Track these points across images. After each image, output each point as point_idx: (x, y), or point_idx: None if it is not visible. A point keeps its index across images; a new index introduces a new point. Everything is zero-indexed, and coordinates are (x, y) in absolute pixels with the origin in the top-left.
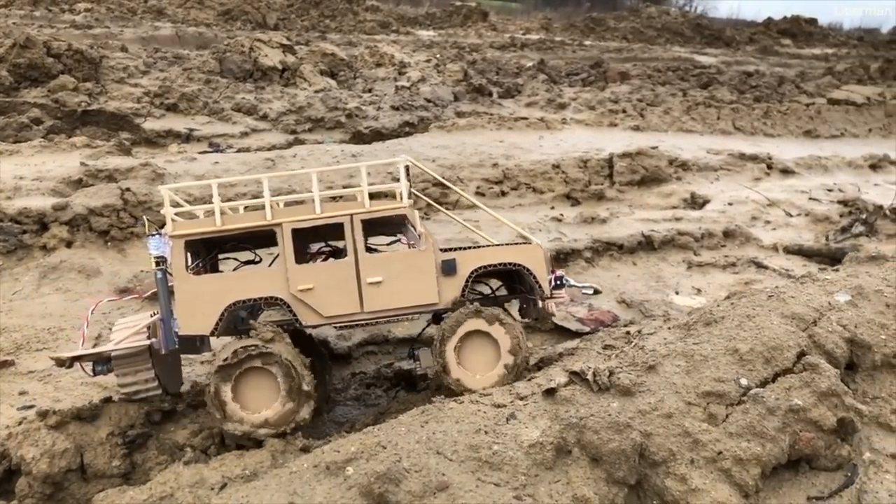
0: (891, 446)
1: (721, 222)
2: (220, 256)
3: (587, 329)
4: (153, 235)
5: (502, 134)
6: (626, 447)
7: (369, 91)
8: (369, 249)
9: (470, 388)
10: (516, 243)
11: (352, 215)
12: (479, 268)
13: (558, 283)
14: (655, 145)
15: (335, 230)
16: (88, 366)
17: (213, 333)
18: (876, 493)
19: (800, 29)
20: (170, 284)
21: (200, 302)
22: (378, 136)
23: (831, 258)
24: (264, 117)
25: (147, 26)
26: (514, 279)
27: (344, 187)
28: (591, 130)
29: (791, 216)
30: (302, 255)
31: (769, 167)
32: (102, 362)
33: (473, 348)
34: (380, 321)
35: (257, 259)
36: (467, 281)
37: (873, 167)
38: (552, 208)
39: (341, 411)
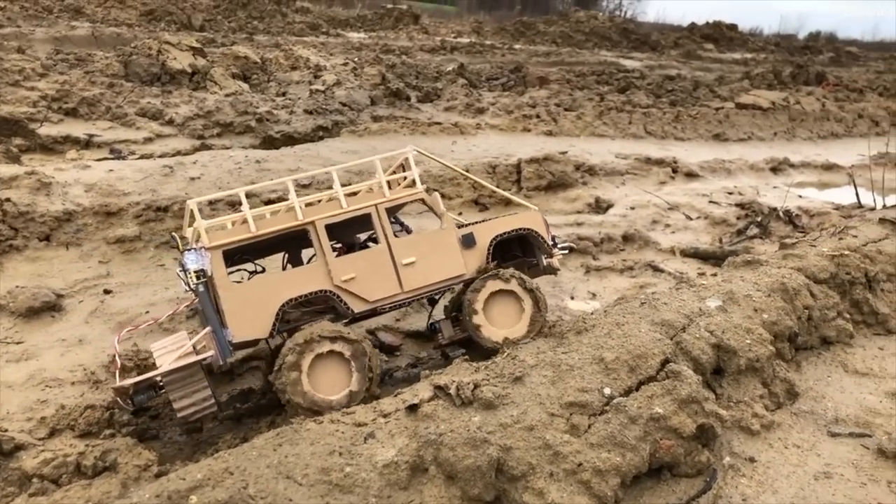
0: (750, 450)
1: (621, 226)
2: (228, 270)
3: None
4: (189, 250)
5: (415, 139)
6: (482, 463)
7: (283, 95)
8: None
9: (490, 339)
10: (514, 213)
11: (376, 205)
12: (497, 236)
13: (555, 242)
14: (565, 150)
15: (354, 224)
16: (125, 401)
17: (271, 335)
18: (730, 498)
19: (721, 34)
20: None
21: (251, 306)
22: (290, 140)
23: (724, 260)
24: (170, 122)
25: (63, 26)
26: (515, 247)
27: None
28: (505, 136)
29: (691, 219)
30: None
31: (674, 171)
32: (143, 390)
33: (499, 308)
34: (419, 298)
35: (259, 269)
36: (489, 250)
37: (774, 170)
38: (459, 214)
39: (217, 430)
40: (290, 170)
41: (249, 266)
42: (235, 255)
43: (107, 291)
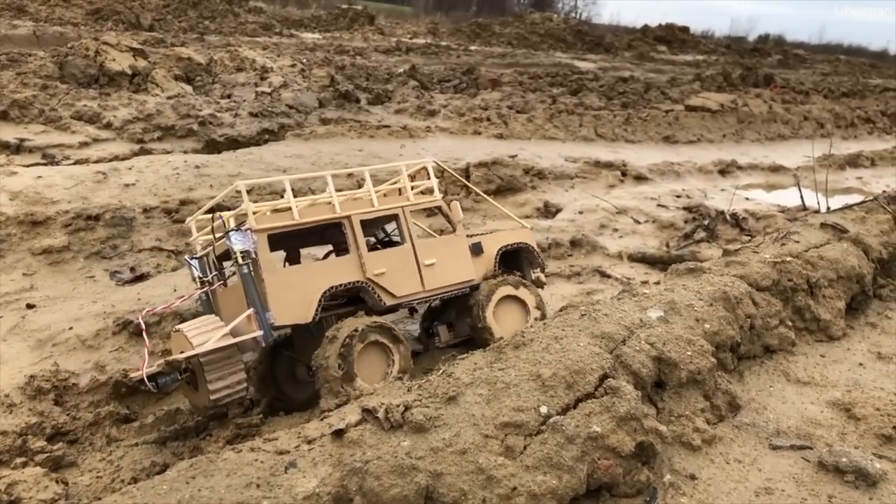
0: (691, 466)
1: (569, 231)
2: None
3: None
4: (235, 231)
5: (363, 143)
6: (410, 492)
7: (228, 97)
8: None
9: (496, 337)
10: (509, 229)
11: (402, 207)
12: (502, 247)
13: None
14: (515, 154)
15: (371, 225)
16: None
17: (313, 320)
18: None
19: (674, 36)
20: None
21: (294, 291)
22: (234, 144)
23: (671, 264)
24: (108, 126)
25: (3, 24)
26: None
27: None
28: (455, 139)
29: (639, 223)
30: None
31: (623, 174)
32: (168, 372)
33: (505, 311)
34: (434, 298)
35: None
36: (496, 259)
37: (722, 172)
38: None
39: (138, 455)
40: (230, 175)
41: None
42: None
43: (29, 306)
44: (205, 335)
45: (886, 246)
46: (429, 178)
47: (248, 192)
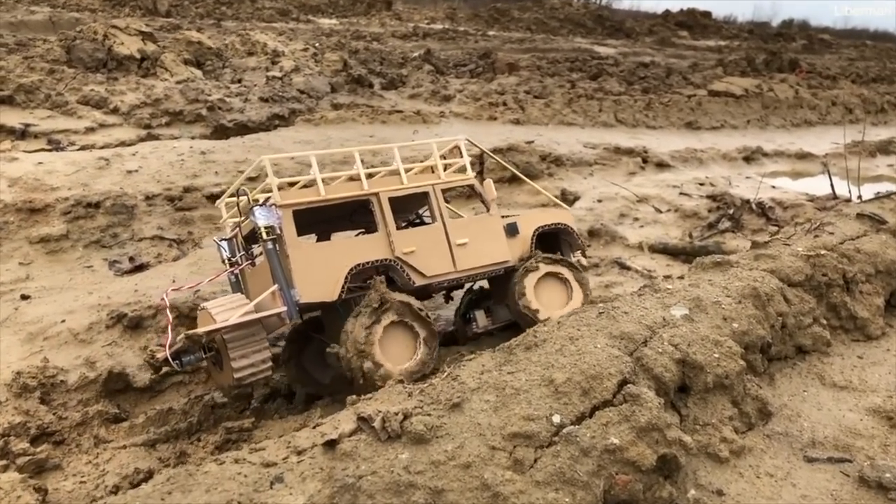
0: (718, 480)
1: (588, 220)
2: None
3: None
4: (259, 205)
5: (374, 128)
6: None
7: (238, 82)
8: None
9: (539, 318)
10: (544, 206)
11: (433, 185)
12: (538, 228)
13: None
14: (532, 140)
15: (403, 205)
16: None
17: (340, 297)
18: None
19: (695, 21)
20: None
21: (320, 268)
22: (243, 129)
23: (695, 256)
24: (115, 111)
25: (22, 10)
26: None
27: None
28: (470, 124)
29: (660, 212)
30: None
31: (644, 161)
32: (192, 350)
33: (546, 290)
34: (468, 279)
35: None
36: (532, 239)
37: (747, 159)
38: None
39: (126, 459)
40: (236, 161)
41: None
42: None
43: (24, 297)
44: (229, 312)
45: None
46: (461, 156)
47: (275, 170)
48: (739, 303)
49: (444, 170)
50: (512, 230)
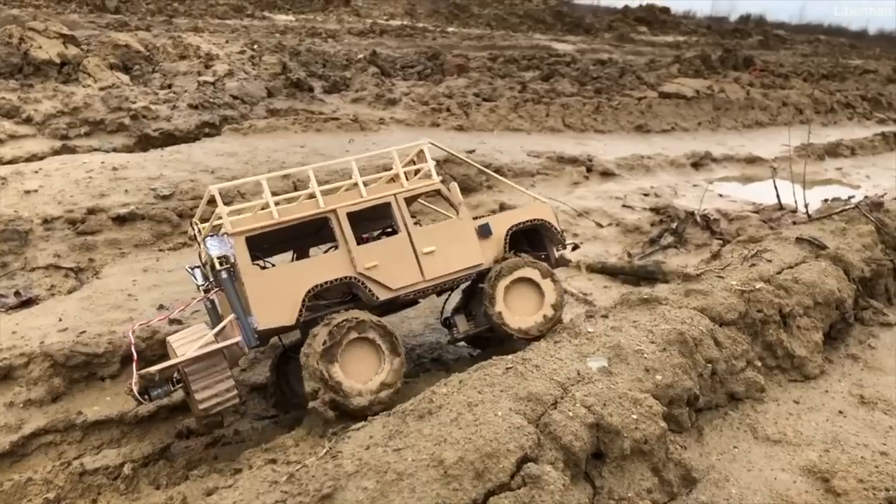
0: None
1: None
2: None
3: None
4: (211, 236)
5: (307, 137)
6: None
7: (168, 87)
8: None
9: (510, 326)
10: (524, 206)
11: (395, 195)
12: (513, 226)
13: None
14: (473, 149)
15: (366, 219)
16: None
17: (297, 321)
18: None
19: (654, 17)
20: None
21: (276, 293)
22: (170, 139)
23: (634, 276)
24: (28, 120)
25: None
26: (523, 241)
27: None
28: (411, 132)
29: (601, 226)
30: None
31: (589, 170)
32: (160, 383)
33: (517, 296)
34: (438, 288)
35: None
36: (506, 240)
37: (695, 165)
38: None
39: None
40: (150, 178)
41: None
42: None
43: None
44: (189, 344)
45: (869, 263)
46: (425, 162)
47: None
48: (664, 350)
49: (408, 177)
50: (485, 231)
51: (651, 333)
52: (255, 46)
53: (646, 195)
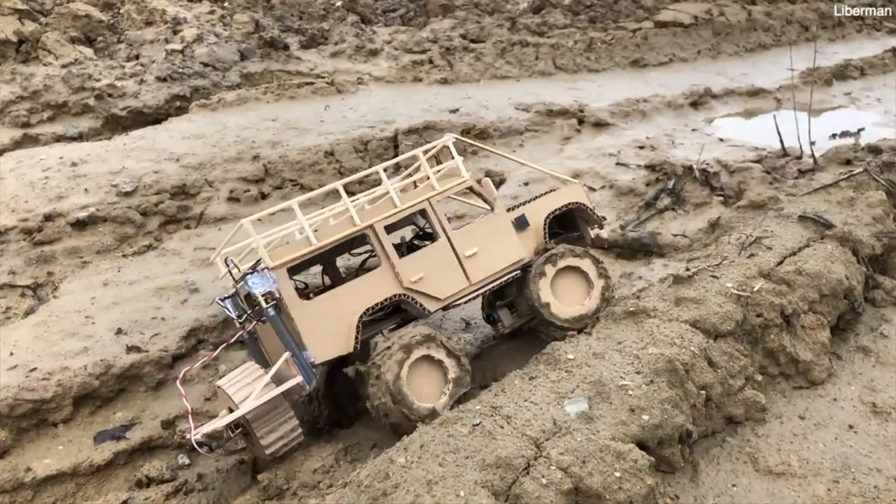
0: None
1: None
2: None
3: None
4: (251, 274)
5: (280, 107)
6: None
7: (135, 59)
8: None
9: (558, 317)
10: (553, 190)
11: (429, 199)
12: (550, 214)
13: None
14: (457, 107)
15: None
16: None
17: (355, 348)
18: None
19: None
20: None
21: (329, 323)
22: (140, 117)
23: (628, 249)
24: None
25: None
26: (554, 224)
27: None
28: (391, 90)
29: (594, 190)
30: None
31: (581, 122)
32: (218, 437)
33: (565, 284)
34: (484, 289)
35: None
36: (545, 228)
37: (694, 105)
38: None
39: None
40: (112, 172)
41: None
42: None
43: None
44: (245, 389)
45: (880, 237)
46: (452, 158)
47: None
48: (651, 382)
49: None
50: (522, 224)
51: (637, 360)
52: (226, 4)
53: (641, 148)
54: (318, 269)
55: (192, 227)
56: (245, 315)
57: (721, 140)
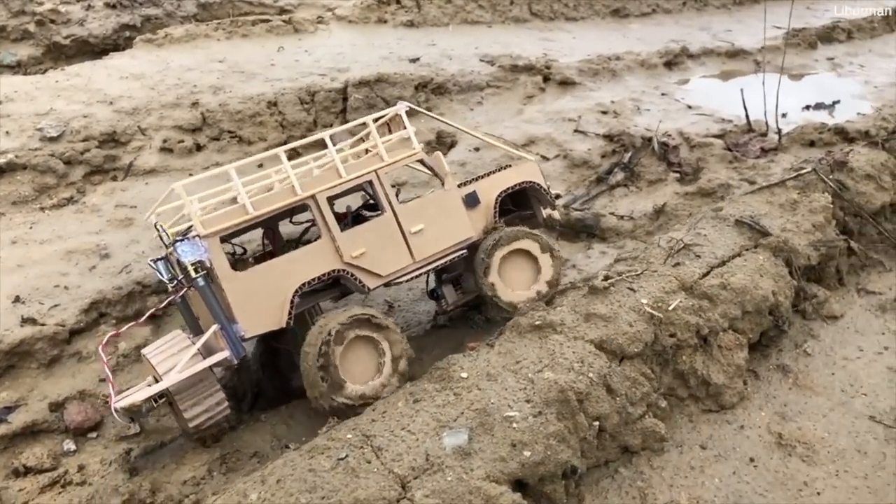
0: None
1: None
2: None
3: None
4: (181, 241)
5: (231, 46)
6: None
7: None
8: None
9: (501, 298)
10: (507, 166)
11: (377, 171)
12: (502, 192)
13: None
14: (418, 56)
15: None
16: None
17: (288, 323)
18: None
19: None
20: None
21: (261, 296)
22: (85, 46)
23: (571, 230)
24: None
25: None
26: (507, 201)
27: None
28: (353, 32)
29: (546, 160)
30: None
31: (546, 79)
32: (137, 411)
33: (512, 267)
34: (428, 268)
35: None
36: (495, 207)
37: (669, 65)
38: (260, 166)
39: None
40: (38, 114)
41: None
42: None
43: None
44: (171, 360)
45: (818, 247)
46: (404, 128)
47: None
48: (540, 414)
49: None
50: (472, 201)
51: (531, 385)
52: None
53: (604, 113)
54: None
55: (118, 180)
56: (176, 281)
57: (689, 107)
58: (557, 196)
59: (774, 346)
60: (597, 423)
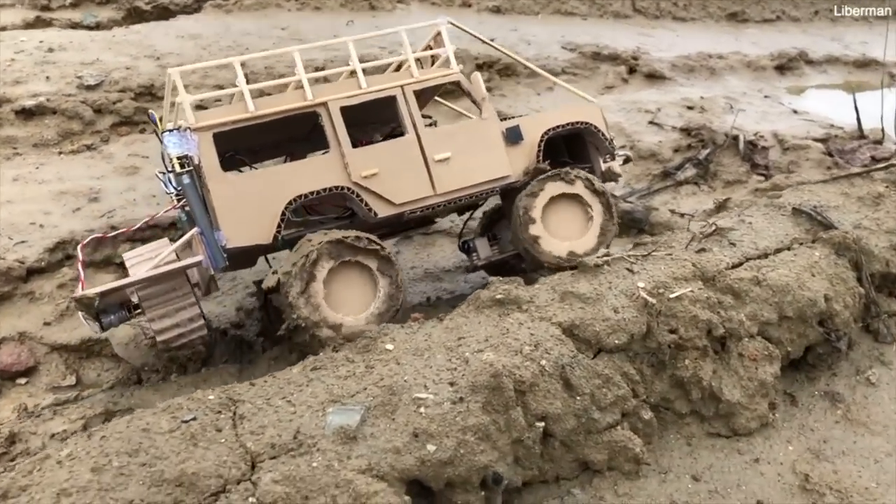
0: None
1: None
2: None
3: None
4: (170, 132)
5: (299, 17)
6: None
7: None
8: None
9: (544, 252)
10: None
11: (402, 86)
12: (549, 130)
13: (612, 144)
14: (494, 37)
15: (372, 113)
16: (91, 321)
17: (275, 240)
18: None
19: None
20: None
21: (249, 204)
22: (165, 13)
23: (619, 223)
24: None
25: None
26: (563, 150)
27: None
28: (435, 12)
29: None
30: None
31: (631, 71)
32: (113, 309)
33: (559, 216)
34: (454, 205)
35: None
36: (539, 147)
37: (781, 69)
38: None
39: None
40: (83, 63)
41: None
42: (227, 148)
43: None
44: (145, 263)
45: None
46: (442, 47)
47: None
48: (461, 401)
49: (422, 65)
50: (513, 136)
51: (464, 365)
52: None
53: (689, 108)
54: None
55: (144, 133)
56: (178, 190)
57: (795, 112)
58: (622, 147)
59: (826, 367)
60: (542, 425)
